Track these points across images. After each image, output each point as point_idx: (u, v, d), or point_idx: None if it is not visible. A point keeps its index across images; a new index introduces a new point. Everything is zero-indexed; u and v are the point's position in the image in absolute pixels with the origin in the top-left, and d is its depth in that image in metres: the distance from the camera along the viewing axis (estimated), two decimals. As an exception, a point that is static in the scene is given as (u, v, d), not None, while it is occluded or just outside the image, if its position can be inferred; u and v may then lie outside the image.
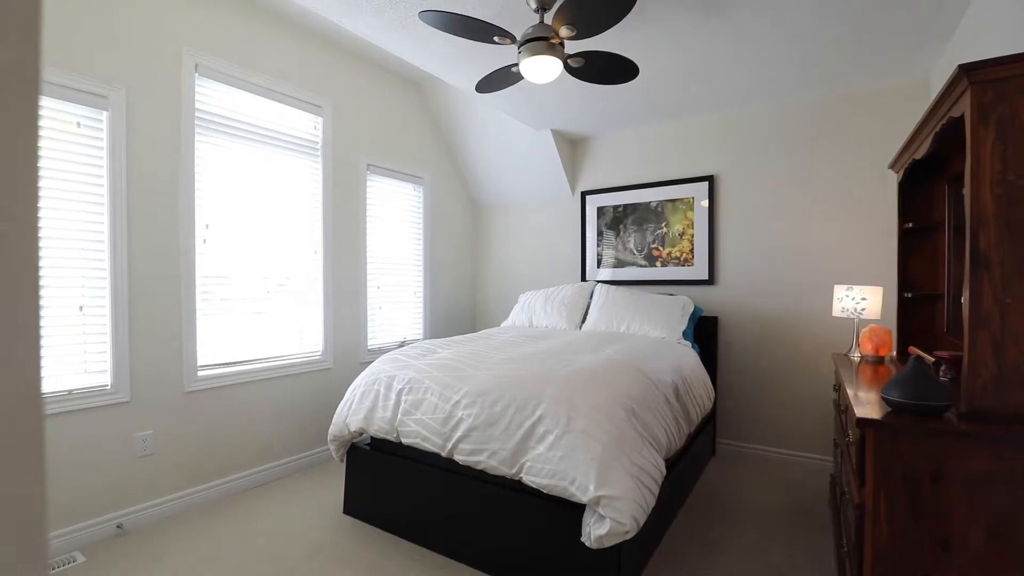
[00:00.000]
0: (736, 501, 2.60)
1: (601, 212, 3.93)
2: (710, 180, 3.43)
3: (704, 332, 3.28)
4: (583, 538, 1.65)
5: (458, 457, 1.97)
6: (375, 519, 2.31)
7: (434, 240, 4.11)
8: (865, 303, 2.48)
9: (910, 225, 2.18)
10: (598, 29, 1.93)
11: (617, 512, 1.58)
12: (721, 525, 2.33)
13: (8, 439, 0.35)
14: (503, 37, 1.98)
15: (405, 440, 2.15)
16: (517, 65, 2.10)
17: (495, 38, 1.99)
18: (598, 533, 1.59)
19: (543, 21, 2.00)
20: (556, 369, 2.08)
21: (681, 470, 2.43)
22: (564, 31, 1.93)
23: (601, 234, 3.93)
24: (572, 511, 1.74)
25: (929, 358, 1.77)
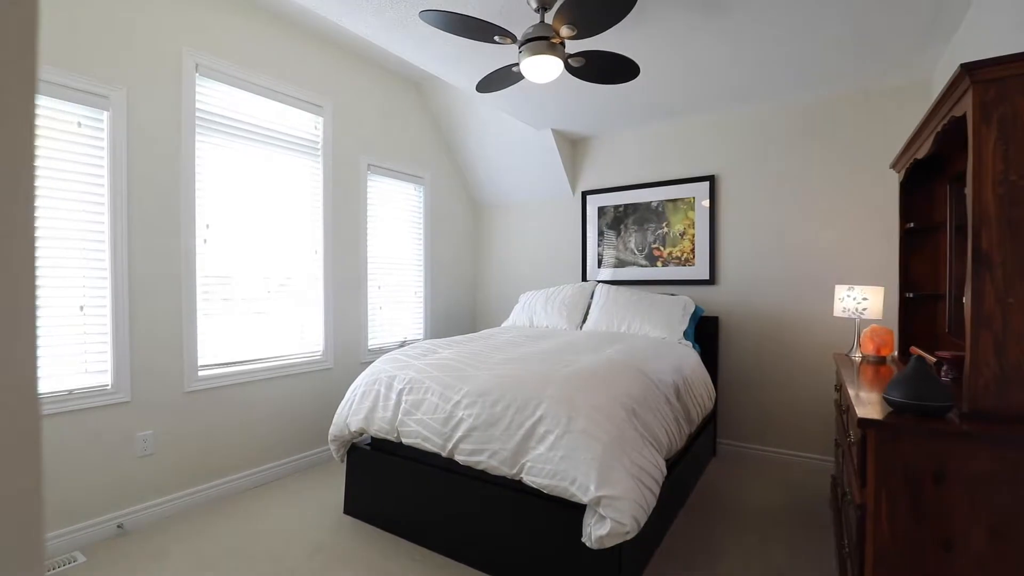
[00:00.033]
0: (737, 501, 2.60)
1: (602, 212, 3.92)
2: (711, 180, 3.43)
3: (705, 332, 3.28)
4: (584, 538, 1.65)
5: (459, 457, 1.97)
6: (375, 519, 2.31)
7: (435, 240, 4.11)
8: (866, 303, 2.48)
9: (911, 225, 2.17)
10: (598, 29, 1.93)
11: (618, 512, 1.58)
12: (722, 525, 2.33)
13: (6, 439, 0.35)
14: (504, 37, 1.97)
15: (405, 440, 2.15)
16: (518, 65, 2.10)
17: (496, 38, 1.99)
18: (599, 533, 1.59)
19: (543, 21, 2.00)
20: (557, 369, 2.08)
21: (682, 470, 2.42)
22: (565, 31, 1.93)
23: (602, 234, 3.93)
24: (573, 511, 1.74)
25: (931, 358, 1.77)
